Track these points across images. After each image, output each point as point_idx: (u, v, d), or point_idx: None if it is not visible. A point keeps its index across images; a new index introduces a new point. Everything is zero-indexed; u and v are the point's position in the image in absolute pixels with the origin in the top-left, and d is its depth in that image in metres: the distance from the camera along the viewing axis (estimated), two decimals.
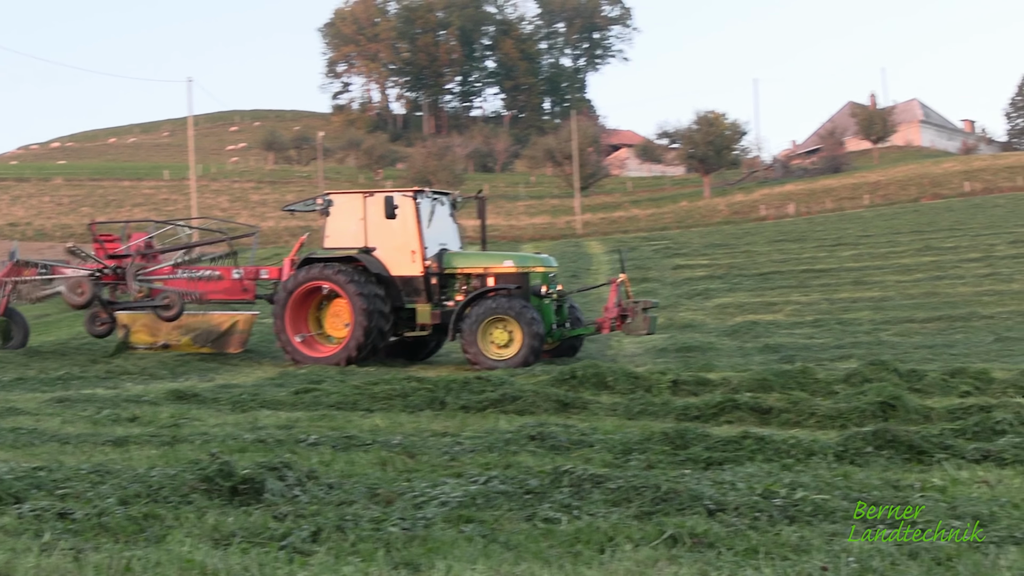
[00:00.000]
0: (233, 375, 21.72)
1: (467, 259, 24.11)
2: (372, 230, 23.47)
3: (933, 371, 17.59)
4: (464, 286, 23.65)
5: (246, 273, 24.85)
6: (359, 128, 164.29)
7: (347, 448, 11.36)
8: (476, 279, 23.60)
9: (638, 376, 17.51)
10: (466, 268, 23.74)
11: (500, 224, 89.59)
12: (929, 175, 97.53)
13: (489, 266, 23.74)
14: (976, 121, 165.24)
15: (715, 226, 79.83)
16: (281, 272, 24.55)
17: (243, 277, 24.77)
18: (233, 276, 24.80)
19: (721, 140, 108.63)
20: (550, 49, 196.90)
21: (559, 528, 7.66)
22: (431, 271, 23.36)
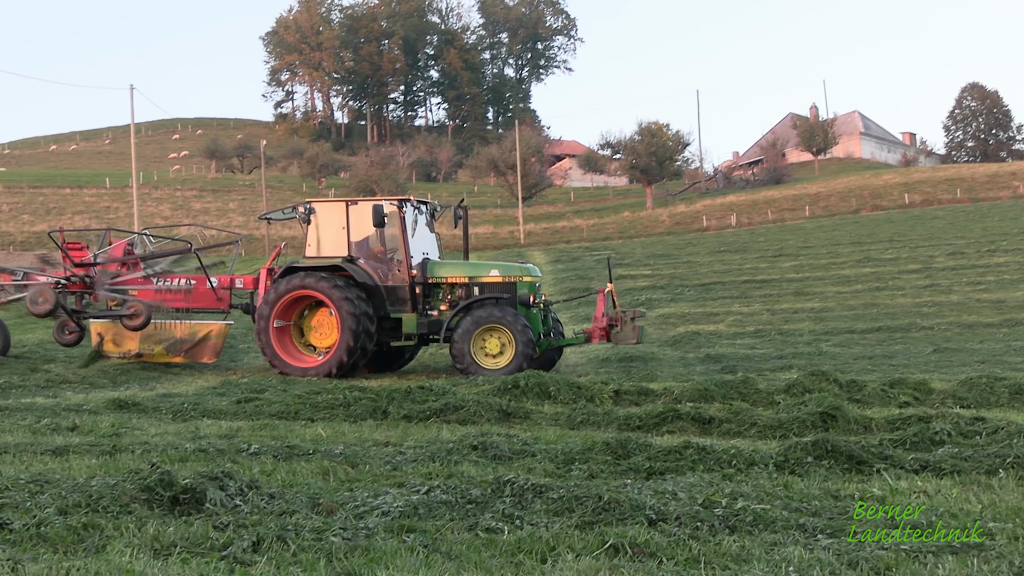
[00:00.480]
0: (175, 384, 21.59)
1: (452, 268, 24.04)
2: (356, 239, 23.38)
3: (873, 382, 17.75)
4: (449, 296, 23.64)
5: (220, 282, 24.52)
6: (302, 137, 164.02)
7: (289, 458, 11.32)
8: (461, 288, 23.61)
9: (580, 386, 17.55)
10: (451, 277, 23.69)
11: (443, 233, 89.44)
12: (869, 187, 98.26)
13: (475, 276, 23.74)
14: (916, 134, 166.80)
15: (657, 236, 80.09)
16: (257, 282, 24.26)
17: (217, 286, 24.43)
18: (208, 285, 24.47)
19: (664, 151, 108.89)
20: (494, 59, 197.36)
21: (501, 538, 7.66)
22: (416, 280, 23.27)
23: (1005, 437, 11.40)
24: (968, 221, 66.01)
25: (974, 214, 71.49)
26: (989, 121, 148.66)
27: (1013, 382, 16.97)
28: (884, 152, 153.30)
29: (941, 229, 62.68)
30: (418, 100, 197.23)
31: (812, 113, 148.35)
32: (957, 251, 50.50)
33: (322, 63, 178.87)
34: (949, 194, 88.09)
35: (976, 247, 51.40)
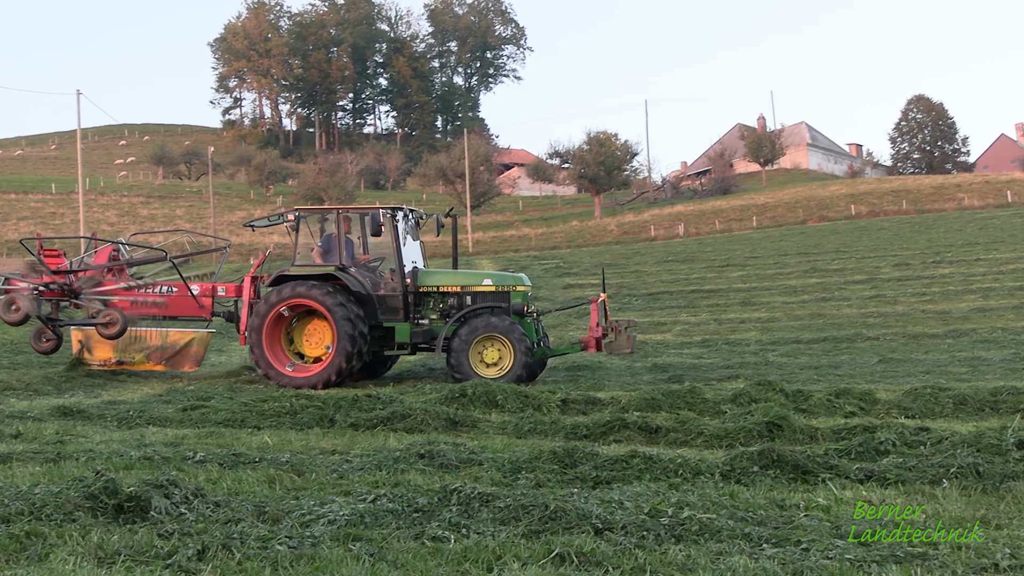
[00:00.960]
0: (120, 391, 21.39)
1: (444, 277, 23.79)
2: (347, 247, 23.25)
3: (819, 392, 17.82)
4: (440, 305, 23.48)
5: (202, 290, 24.15)
6: (250, 144, 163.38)
7: (235, 466, 11.25)
8: (453, 298, 23.43)
9: (528, 395, 17.55)
10: (443, 286, 23.47)
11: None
12: (816, 198, 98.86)
13: (467, 285, 23.55)
14: (862, 145, 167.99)
15: (605, 246, 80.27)
16: (240, 289, 23.97)
17: (199, 294, 24.08)
18: (190, 292, 24.07)
19: (612, 160, 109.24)
20: (443, 68, 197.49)
21: (447, 547, 7.64)
22: (408, 289, 23.13)
23: (949, 447, 11.48)
24: (913, 232, 66.51)
25: (919, 225, 72.03)
26: (935, 133, 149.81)
27: (957, 393, 17.09)
28: (831, 163, 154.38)
29: (887, 240, 63.12)
30: (367, 108, 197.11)
31: (760, 124, 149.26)
32: (902, 262, 50.89)
33: (270, 70, 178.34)
34: (895, 205, 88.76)
35: (921, 258, 51.80)
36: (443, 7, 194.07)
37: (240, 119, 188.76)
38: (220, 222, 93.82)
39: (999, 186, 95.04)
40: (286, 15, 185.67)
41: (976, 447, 11.27)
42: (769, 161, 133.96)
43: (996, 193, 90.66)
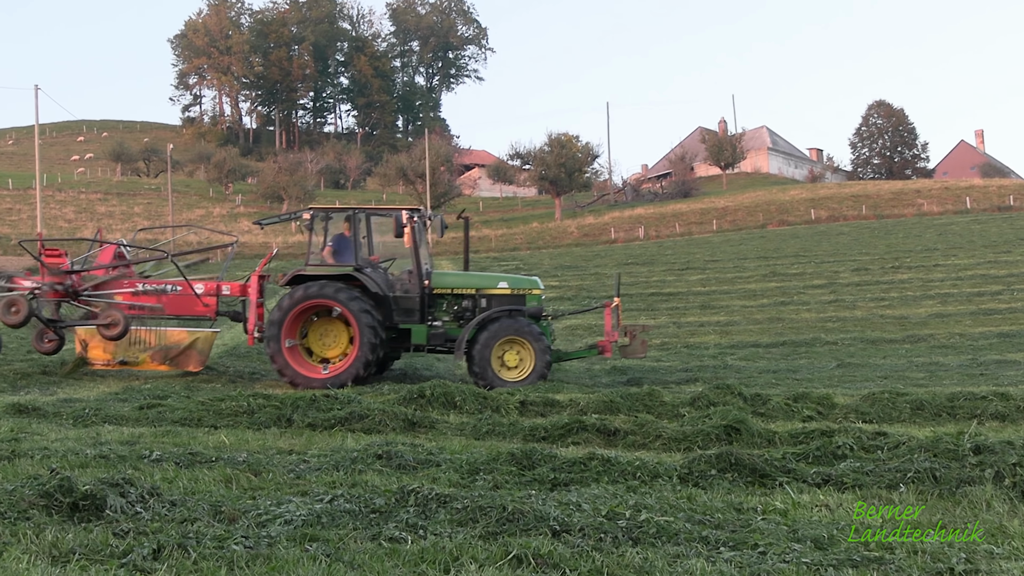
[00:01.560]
0: (76, 389, 21.23)
1: (458, 279, 23.77)
2: (364, 248, 23.23)
3: (777, 396, 17.88)
4: (455, 307, 23.41)
5: (207, 288, 23.68)
6: (209, 141, 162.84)
7: (191, 465, 11.19)
8: (467, 300, 23.36)
9: (486, 396, 17.53)
10: (457, 288, 23.42)
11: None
12: (776, 202, 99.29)
13: (482, 287, 23.51)
14: (823, 150, 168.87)
15: (565, 248, 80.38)
16: (245, 288, 23.67)
17: (204, 292, 23.64)
18: (195, 291, 23.63)
19: (573, 162, 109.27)
20: (404, 67, 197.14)
21: (404, 547, 7.62)
22: (425, 291, 23.03)
23: (906, 452, 11.52)
24: (873, 237, 66.89)
25: (879, 231, 72.46)
26: (895, 139, 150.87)
27: (914, 398, 17.19)
28: (791, 168, 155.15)
29: (846, 245, 63.47)
30: (327, 107, 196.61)
31: (721, 128, 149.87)
32: (861, 267, 51.19)
33: (231, 67, 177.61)
34: (854, 210, 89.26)
35: (880, 263, 52.12)
36: (405, 7, 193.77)
37: (200, 116, 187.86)
38: (179, 219, 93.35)
39: (958, 192, 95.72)
40: (247, 12, 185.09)
41: (933, 452, 11.31)
42: (730, 165, 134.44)
43: (955, 199, 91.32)
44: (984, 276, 45.37)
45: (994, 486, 10.08)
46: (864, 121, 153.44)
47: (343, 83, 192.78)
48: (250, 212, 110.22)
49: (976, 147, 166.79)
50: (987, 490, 9.94)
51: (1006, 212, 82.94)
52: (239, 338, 32.14)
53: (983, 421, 15.96)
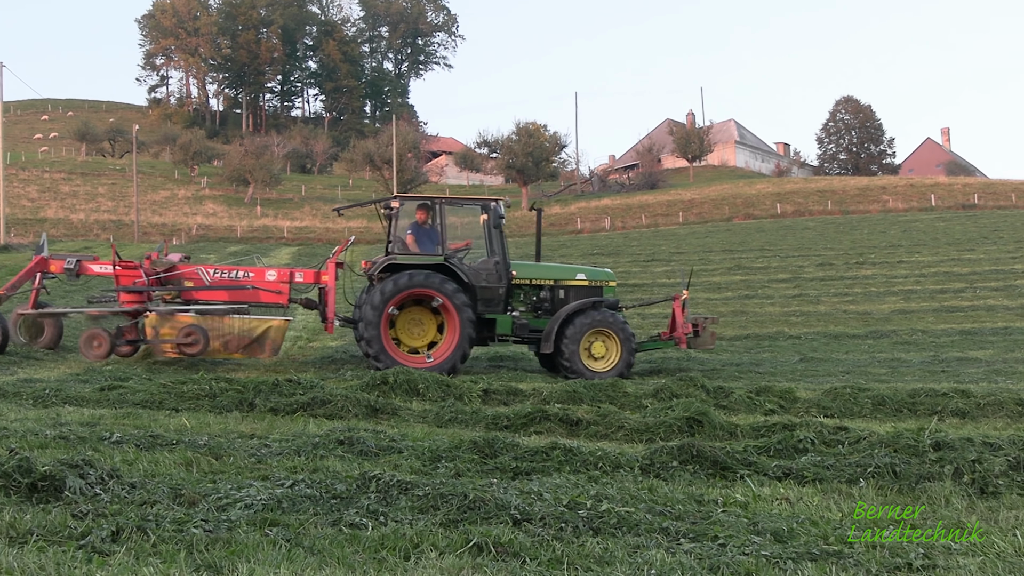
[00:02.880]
0: (36, 370, 21.09)
1: (538, 270, 23.76)
2: (451, 237, 23.22)
3: (739, 389, 17.94)
4: (533, 297, 23.51)
5: (279, 275, 23.53)
6: (176, 123, 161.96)
7: (151, 447, 11.13)
8: (545, 291, 23.46)
9: (449, 384, 17.52)
10: (535, 279, 23.50)
11: (316, 226, 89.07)
12: (742, 195, 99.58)
13: (560, 278, 23.62)
14: (790, 144, 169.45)
15: (531, 237, 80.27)
16: (319, 275, 23.48)
17: (276, 279, 23.46)
18: (267, 278, 23.48)
19: (540, 152, 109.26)
20: (373, 53, 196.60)
21: (365, 534, 7.60)
22: (510, 282, 23.13)
23: (867, 447, 11.57)
24: (838, 233, 67.17)
25: (844, 226, 72.76)
26: (862, 135, 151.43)
27: (876, 393, 17.28)
28: (758, 162, 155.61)
29: (811, 240, 63.71)
30: (295, 90, 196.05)
31: (689, 120, 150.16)
32: (826, 262, 51.40)
33: (198, 49, 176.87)
34: (820, 206, 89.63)
35: (845, 259, 52.34)
36: None
37: (166, 98, 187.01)
38: (144, 201, 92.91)
39: (923, 189, 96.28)
40: None
41: (893, 447, 11.38)
42: (697, 157, 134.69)
43: (920, 196, 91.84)
44: (947, 274, 45.64)
45: (953, 482, 10.14)
46: (831, 117, 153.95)
47: (311, 67, 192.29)
48: (215, 195, 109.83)
49: (942, 145, 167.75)
50: (946, 486, 10.00)
51: (970, 210, 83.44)
52: None
53: (943, 418, 16.06)
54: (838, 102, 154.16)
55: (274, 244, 74.78)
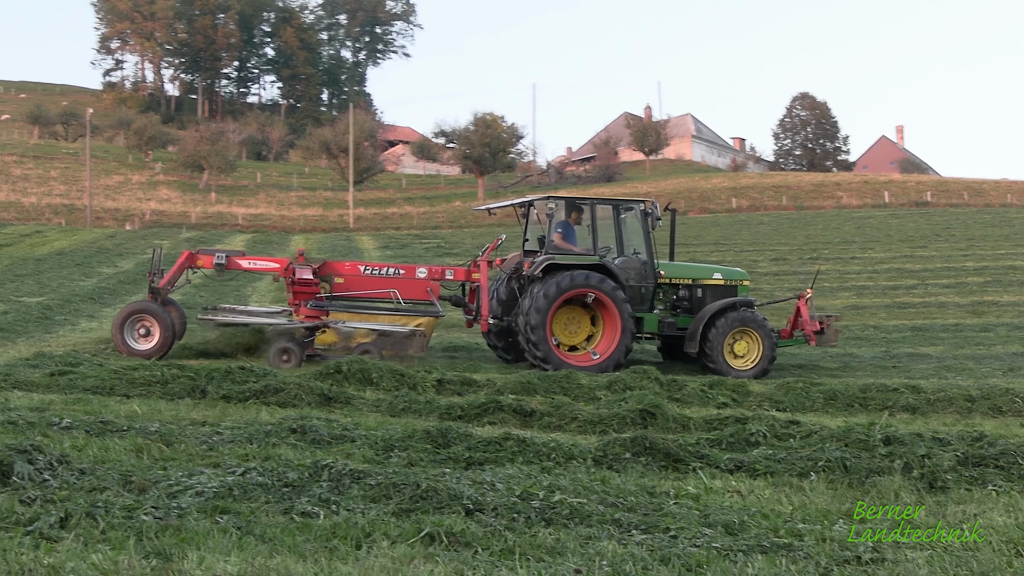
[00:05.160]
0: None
1: (676, 269, 23.91)
2: (602, 237, 23.19)
3: (693, 381, 18.01)
4: (672, 296, 23.63)
5: (430, 273, 23.38)
6: (130, 107, 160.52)
7: (102, 433, 11.07)
8: (684, 289, 23.64)
9: (403, 374, 17.50)
10: (675, 278, 23.62)
11: (271, 214, 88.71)
12: (698, 189, 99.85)
13: (698, 278, 23.79)
14: (746, 140, 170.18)
15: (487, 227, 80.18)
16: (469, 273, 23.48)
17: (427, 276, 23.25)
18: (417, 275, 23.24)
19: (497, 143, 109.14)
20: (331, 40, 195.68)
21: (316, 522, 7.59)
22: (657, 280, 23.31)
23: (818, 441, 11.65)
24: (792, 228, 67.45)
25: (798, 221, 73.08)
26: (817, 131, 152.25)
27: (828, 388, 17.40)
28: (714, 156, 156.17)
29: (766, 235, 63.92)
30: (252, 77, 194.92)
31: (646, 114, 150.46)
32: (780, 257, 51.57)
33: (155, 33, 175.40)
34: (775, 201, 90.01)
35: (799, 254, 52.54)
36: None
37: (121, 82, 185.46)
38: (97, 186, 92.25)
39: (877, 186, 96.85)
40: None
41: (844, 442, 11.45)
42: (654, 151, 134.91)
43: (874, 193, 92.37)
44: (900, 270, 45.89)
45: (903, 477, 10.22)
46: (787, 113, 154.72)
47: (268, 54, 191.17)
48: (169, 181, 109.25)
49: (896, 143, 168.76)
50: (896, 480, 10.08)
51: (923, 208, 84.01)
52: None
53: (894, 413, 16.19)
54: (794, 98, 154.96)
55: (228, 231, 74.32)
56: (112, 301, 33.07)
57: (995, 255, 50.89)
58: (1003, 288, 40.18)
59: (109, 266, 45.21)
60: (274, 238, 67.75)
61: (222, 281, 27.10)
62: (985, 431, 12.48)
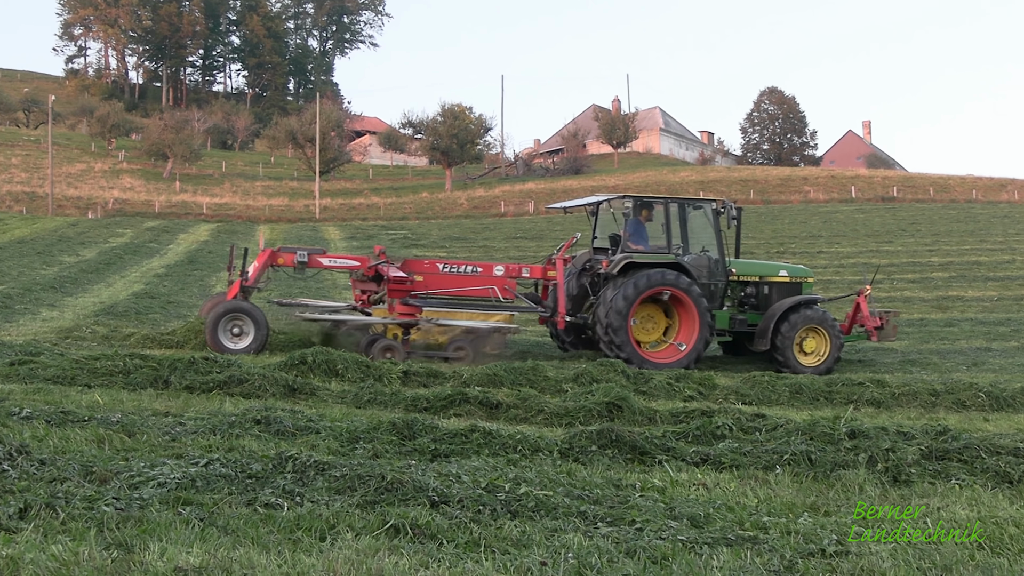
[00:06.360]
0: None
1: (746, 267, 24.33)
2: (675, 235, 23.46)
3: (659, 375, 18.07)
4: (740, 293, 24.03)
5: (507, 271, 23.29)
6: (93, 95, 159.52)
7: (62, 424, 10.97)
8: (751, 286, 24.03)
9: (369, 365, 17.47)
10: (742, 275, 24.02)
11: (236, 204, 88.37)
12: (666, 182, 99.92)
13: (765, 275, 24.19)
14: (714, 133, 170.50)
15: (454, 219, 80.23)
16: (545, 271, 23.43)
17: (504, 274, 23.16)
18: (495, 273, 23.16)
19: (465, 134, 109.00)
20: (298, 29, 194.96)
21: (280, 514, 7.55)
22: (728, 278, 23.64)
23: (783, 434, 11.68)
24: (759, 222, 67.65)
25: (765, 215, 73.34)
26: (785, 126, 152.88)
27: (793, 381, 17.52)
28: (682, 149, 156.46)
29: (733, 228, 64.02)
30: (217, 65, 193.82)
31: (615, 106, 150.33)
32: (747, 251, 51.54)
33: (118, 20, 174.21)
34: (743, 194, 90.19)
35: (766, 248, 52.74)
36: None
37: (84, 69, 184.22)
38: (59, 173, 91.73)
39: (844, 181, 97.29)
40: None
41: (809, 435, 11.49)
42: (622, 144, 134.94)
43: (841, 188, 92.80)
44: (866, 264, 46.11)
45: (867, 470, 10.28)
46: (755, 107, 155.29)
47: (234, 42, 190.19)
48: (133, 169, 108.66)
49: (863, 138, 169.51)
50: (860, 474, 10.13)
51: (889, 203, 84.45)
52: (116, 296, 31.69)
53: (859, 407, 16.31)
54: (762, 93, 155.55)
55: (192, 220, 74.09)
56: (74, 290, 32.89)
57: (960, 250, 51.27)
58: (967, 283, 40.49)
59: (71, 255, 44.97)
60: (239, 228, 67.55)
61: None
62: (949, 425, 12.58)
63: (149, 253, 48.71)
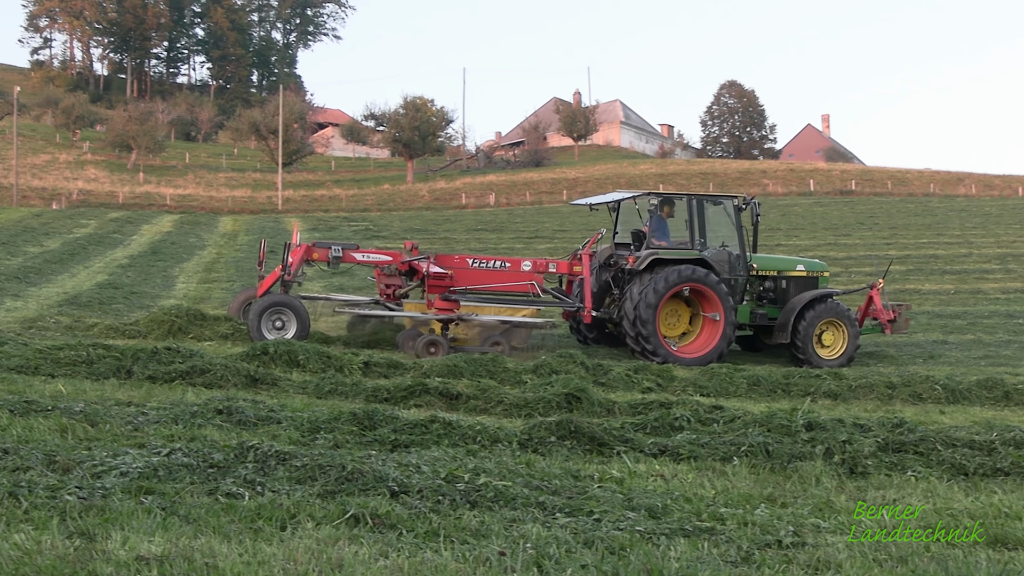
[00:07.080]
0: None
1: (765, 262, 24.51)
2: (698, 231, 23.48)
3: (618, 366, 18.15)
4: (759, 287, 24.19)
5: (534, 266, 23.39)
6: (58, 86, 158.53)
7: (26, 413, 10.96)
8: (769, 281, 24.20)
9: (330, 356, 17.50)
10: (762, 270, 24.20)
11: (199, 195, 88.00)
12: (626, 175, 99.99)
13: (783, 270, 24.40)
14: (674, 126, 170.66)
15: (416, 211, 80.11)
16: (572, 267, 23.49)
17: (532, 269, 23.27)
18: (522, 268, 23.25)
19: (427, 126, 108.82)
20: (261, 22, 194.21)
21: (241, 503, 7.59)
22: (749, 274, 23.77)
23: (741, 426, 11.79)
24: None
25: None
26: (744, 119, 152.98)
27: (751, 374, 17.63)
28: (642, 142, 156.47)
29: None
30: (181, 57, 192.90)
31: (575, 99, 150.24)
32: None
33: (83, 12, 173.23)
34: (702, 187, 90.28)
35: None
36: None
37: (49, 60, 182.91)
38: (23, 164, 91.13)
39: (803, 174, 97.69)
40: None
41: (767, 427, 11.60)
42: (582, 136, 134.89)
43: (799, 181, 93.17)
44: (824, 258, 46.13)
45: (824, 462, 10.39)
46: (715, 100, 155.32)
47: (198, 34, 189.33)
48: (97, 160, 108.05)
49: (822, 131, 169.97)
50: (817, 465, 10.24)
51: (847, 196, 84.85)
52: (80, 286, 31.57)
53: (816, 399, 16.44)
54: (722, 86, 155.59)
55: (156, 211, 73.73)
56: (38, 280, 32.73)
57: (917, 243, 51.57)
58: (924, 276, 40.74)
59: (35, 245, 44.68)
60: (202, 219, 67.28)
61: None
62: (905, 418, 12.71)
63: (113, 244, 48.46)
